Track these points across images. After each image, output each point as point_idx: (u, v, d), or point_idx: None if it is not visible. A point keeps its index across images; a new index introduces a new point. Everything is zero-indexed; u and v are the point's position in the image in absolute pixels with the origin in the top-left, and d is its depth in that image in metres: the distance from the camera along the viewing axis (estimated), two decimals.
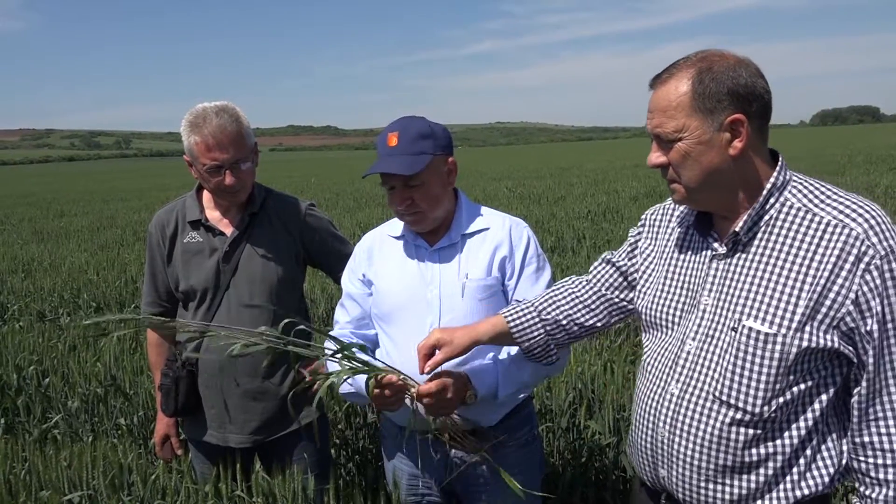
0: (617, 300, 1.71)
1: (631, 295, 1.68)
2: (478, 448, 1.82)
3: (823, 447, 1.39)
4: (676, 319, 1.50)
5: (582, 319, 1.72)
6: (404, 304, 1.90)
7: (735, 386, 1.37)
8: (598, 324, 1.74)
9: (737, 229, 1.39)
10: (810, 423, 1.37)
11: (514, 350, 1.84)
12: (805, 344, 1.31)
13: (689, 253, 1.52)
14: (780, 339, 1.32)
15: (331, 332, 2.08)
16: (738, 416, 1.37)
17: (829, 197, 1.35)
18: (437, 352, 1.69)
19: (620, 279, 1.70)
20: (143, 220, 15.16)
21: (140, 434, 3.59)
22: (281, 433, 2.33)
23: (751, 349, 1.35)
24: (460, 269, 1.89)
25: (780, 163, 1.40)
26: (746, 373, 1.36)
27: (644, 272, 1.63)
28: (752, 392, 1.35)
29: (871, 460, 1.33)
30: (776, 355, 1.33)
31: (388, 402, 1.75)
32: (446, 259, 1.91)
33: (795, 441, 1.37)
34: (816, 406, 1.36)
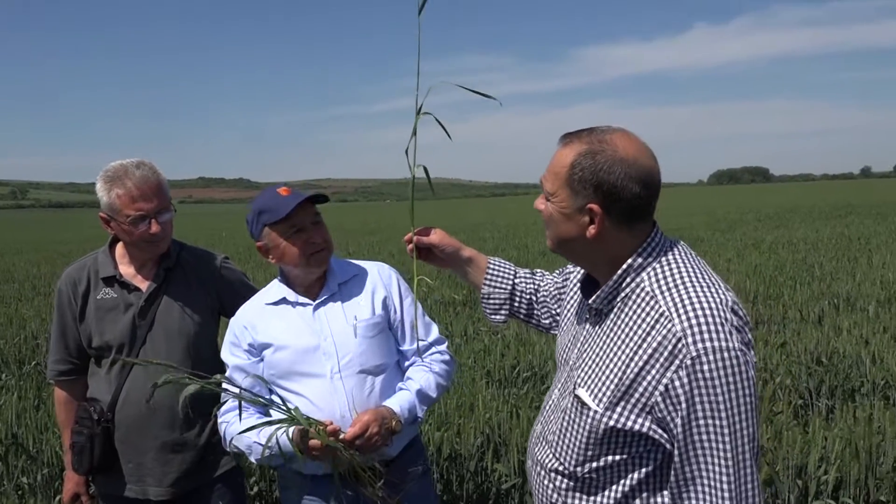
0: (553, 310, 1.83)
1: (558, 309, 1.78)
2: (391, 496, 1.89)
3: None
4: (561, 365, 1.57)
5: (535, 306, 1.86)
6: (303, 359, 2.02)
7: (560, 443, 1.47)
8: (541, 319, 1.87)
9: (589, 301, 1.45)
10: (627, 489, 1.40)
11: (417, 375, 2.06)
12: (612, 423, 1.34)
13: (582, 305, 1.56)
14: (592, 412, 1.37)
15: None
16: (561, 468, 1.47)
17: (677, 285, 1.33)
18: (432, 233, 1.86)
19: (556, 293, 1.83)
20: (43, 273, 14.44)
21: (45, 493, 3.49)
22: (199, 483, 2.33)
23: (573, 415, 1.43)
24: (346, 314, 2.06)
25: (644, 244, 1.39)
26: (568, 435, 1.44)
27: (565, 305, 1.68)
28: (569, 452, 1.44)
29: None
30: (587, 427, 1.38)
31: (323, 451, 1.84)
32: (330, 309, 2.07)
33: (613, 503, 1.42)
34: (636, 476, 1.39)
